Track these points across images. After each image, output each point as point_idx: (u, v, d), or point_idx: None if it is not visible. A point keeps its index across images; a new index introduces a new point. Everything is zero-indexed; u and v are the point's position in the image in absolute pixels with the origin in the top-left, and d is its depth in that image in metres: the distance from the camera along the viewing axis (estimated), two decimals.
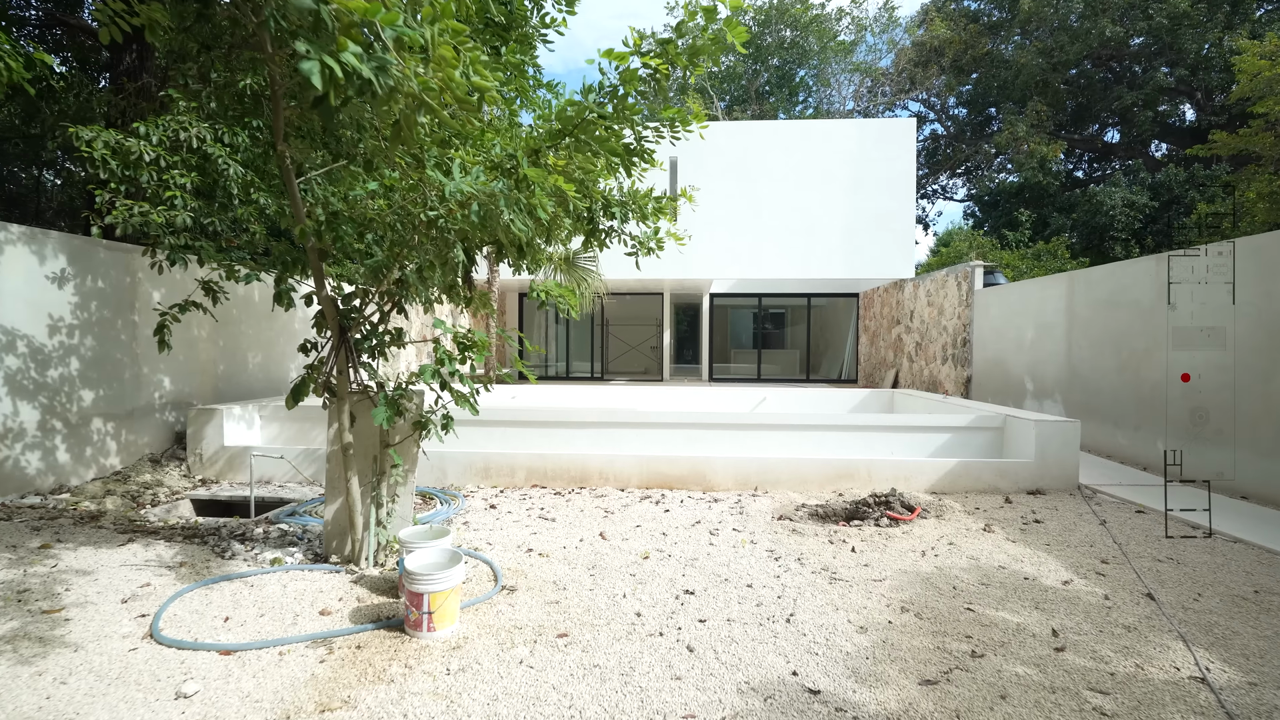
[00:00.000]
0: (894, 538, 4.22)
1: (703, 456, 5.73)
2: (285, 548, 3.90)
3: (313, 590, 3.16)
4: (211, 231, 4.39)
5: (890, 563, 3.74)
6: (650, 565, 3.67)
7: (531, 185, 2.37)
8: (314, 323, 3.31)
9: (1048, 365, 8.21)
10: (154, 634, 2.60)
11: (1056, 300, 8.03)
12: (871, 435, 6.33)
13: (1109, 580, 3.47)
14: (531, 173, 2.24)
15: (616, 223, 3.52)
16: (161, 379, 6.25)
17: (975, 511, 4.89)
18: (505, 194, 2.25)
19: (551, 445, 6.29)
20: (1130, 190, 16.77)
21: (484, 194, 2.24)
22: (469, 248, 3.47)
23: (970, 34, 22.91)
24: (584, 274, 10.83)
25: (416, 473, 5.86)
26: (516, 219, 2.31)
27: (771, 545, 4.06)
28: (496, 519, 4.66)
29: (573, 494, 5.43)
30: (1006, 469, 5.59)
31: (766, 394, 10.41)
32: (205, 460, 6.13)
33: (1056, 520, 4.65)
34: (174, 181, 4.16)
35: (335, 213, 2.84)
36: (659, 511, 4.87)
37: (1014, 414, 6.10)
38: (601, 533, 4.30)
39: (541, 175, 2.24)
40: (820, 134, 13.07)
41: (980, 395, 9.96)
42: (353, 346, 3.26)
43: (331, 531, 3.77)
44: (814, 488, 5.63)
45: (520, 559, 3.76)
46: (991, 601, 3.17)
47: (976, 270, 10.20)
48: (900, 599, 3.20)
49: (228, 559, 3.61)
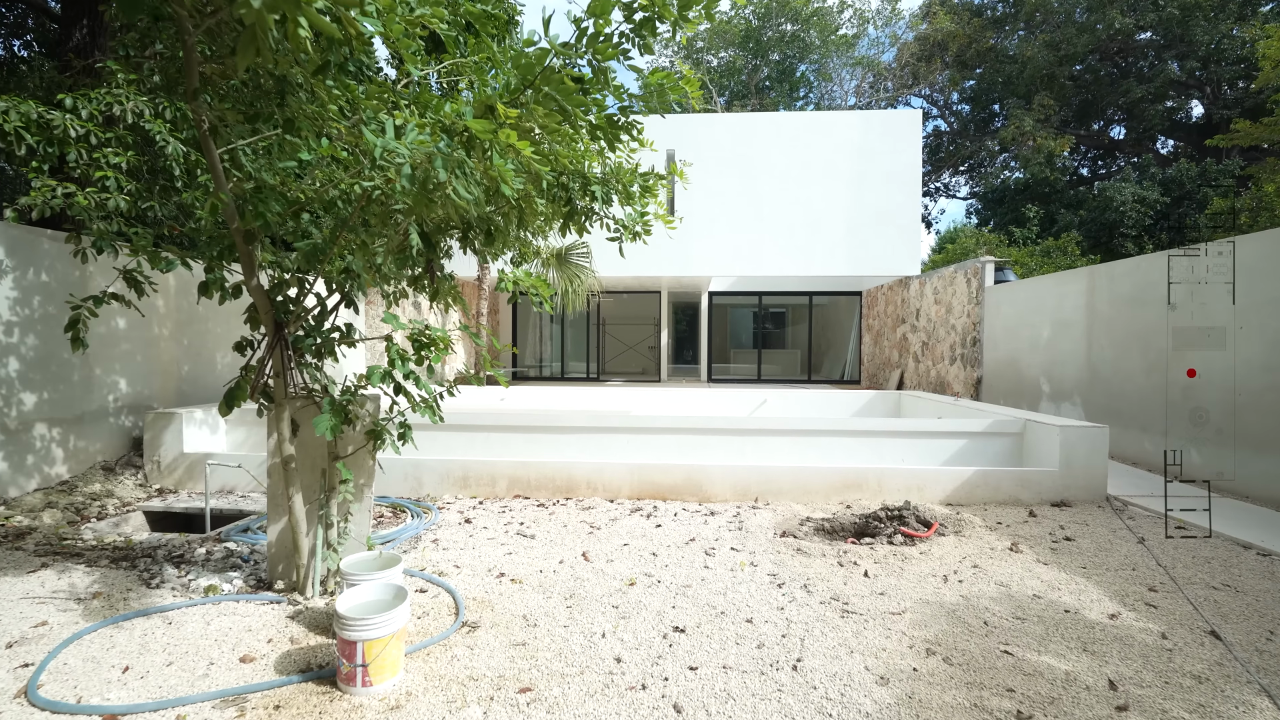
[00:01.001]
0: (911, 559, 3.77)
1: (699, 465, 5.28)
2: (226, 572, 3.45)
3: (240, 628, 2.71)
4: (152, 218, 3.94)
5: (909, 590, 3.30)
6: (636, 594, 3.22)
7: (485, 148, 1.93)
8: (246, 317, 2.86)
9: (1065, 366, 7.76)
10: (29, 693, 2.15)
11: (1075, 297, 7.58)
12: (881, 441, 5.88)
13: (1162, 613, 3.02)
14: (476, 126, 1.80)
15: (598, 204, 3.08)
16: (117, 380, 5.80)
17: (998, 527, 4.44)
18: (445, 154, 1.81)
19: (537, 452, 5.85)
20: (1141, 186, 16.31)
21: (420, 154, 1.81)
22: (428, 231, 3.02)
23: (974, 28, 22.46)
24: (577, 270, 10.38)
25: (389, 483, 5.45)
26: (460, 186, 1.87)
27: (774, 568, 3.61)
28: (470, 535, 4.22)
29: (557, 506, 4.99)
30: (1029, 479, 5.15)
31: (767, 396, 9.97)
32: (164, 468, 5.68)
33: (1089, 538, 4.20)
34: (106, 161, 3.72)
35: (262, 187, 2.40)
36: (650, 527, 4.42)
37: (1035, 418, 5.66)
38: (584, 553, 3.86)
39: (488, 129, 1.80)
40: (823, 126, 12.62)
41: (991, 397, 9.51)
42: (290, 344, 2.82)
43: (276, 555, 3.32)
44: (819, 499, 5.18)
45: (489, 586, 3.32)
46: (1031, 641, 2.72)
47: (987, 266, 9.75)
48: (924, 638, 2.76)
49: (154, 587, 3.16)
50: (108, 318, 5.67)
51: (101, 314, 5.58)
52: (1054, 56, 19.09)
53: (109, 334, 5.70)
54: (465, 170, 1.91)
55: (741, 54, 25.15)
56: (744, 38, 24.68)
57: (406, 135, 1.84)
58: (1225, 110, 17.25)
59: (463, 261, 11.53)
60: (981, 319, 9.75)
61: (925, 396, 8.33)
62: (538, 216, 3.43)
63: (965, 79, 23.90)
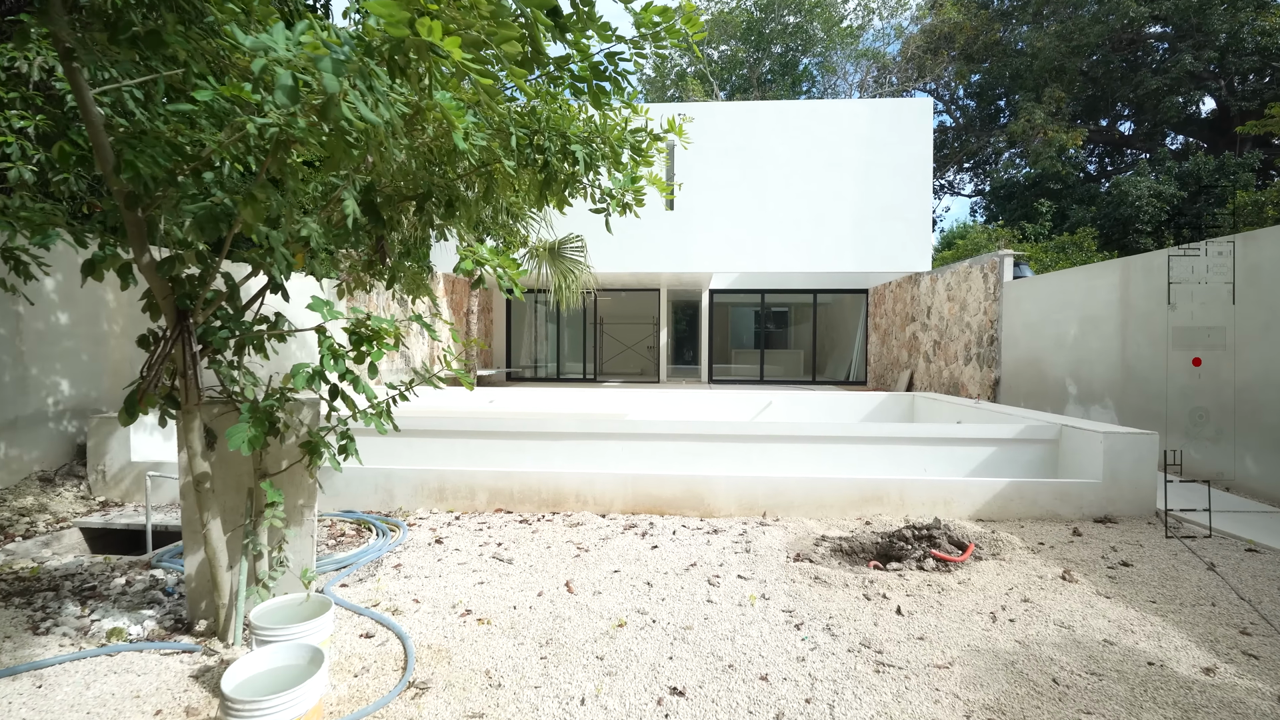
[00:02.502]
0: (948, 590, 3.23)
1: (700, 475, 4.74)
2: (141, 609, 2.91)
3: (127, 693, 2.17)
4: (67, 193, 3.40)
5: (953, 633, 2.75)
6: (627, 638, 2.68)
7: (407, 54, 1.40)
8: (143, 305, 2.32)
9: (1095, 365, 7.21)
10: None
11: (1107, 291, 7.02)
12: (900, 449, 5.34)
13: (1266, 665, 2.48)
14: (376, 7, 1.27)
15: (580, 168, 2.53)
16: (58, 382, 5.26)
17: (1041, 549, 3.90)
18: (338, 60, 1.28)
19: (521, 461, 5.31)
20: (1157, 180, 15.76)
21: (305, 60, 1.28)
22: (375, 201, 2.48)
23: (981, 20, 21.92)
24: (571, 265, 9.84)
25: (358, 496, 4.83)
26: (361, 104, 1.35)
27: (789, 601, 3.07)
28: (438, 560, 3.68)
29: (542, 522, 4.45)
30: (1069, 492, 4.60)
31: (772, 398, 9.43)
32: (109, 479, 5.14)
33: (1147, 562, 3.65)
34: (10, 125, 3.18)
35: (142, 134, 1.87)
36: (644, 548, 3.88)
37: (1072, 424, 5.11)
38: (568, 582, 3.32)
39: (392, 10, 1.27)
40: (829, 115, 12.07)
41: (1010, 399, 8.96)
42: (193, 336, 2.28)
43: (196, 591, 2.78)
44: (835, 514, 4.64)
45: (451, 628, 2.77)
46: (1118, 708, 2.18)
47: (1005, 260, 9.19)
48: (982, 702, 2.21)
49: (42, 633, 2.62)
50: (46, 311, 5.13)
51: (41, 306, 5.04)
52: (1065, 47, 18.54)
53: (49, 330, 5.16)
54: (371, 86, 1.38)
55: (743, 46, 24.60)
56: (746, 30, 24.14)
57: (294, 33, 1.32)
58: (1243, 103, 16.70)
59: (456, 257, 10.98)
60: (1000, 316, 9.20)
61: (941, 399, 7.78)
62: (510, 186, 2.89)
63: (972, 72, 23.36)
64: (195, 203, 1.91)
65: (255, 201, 1.63)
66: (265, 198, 1.65)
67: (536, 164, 2.62)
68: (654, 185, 2.79)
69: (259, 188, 1.65)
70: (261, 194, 1.63)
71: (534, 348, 17.07)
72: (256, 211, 1.64)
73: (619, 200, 2.67)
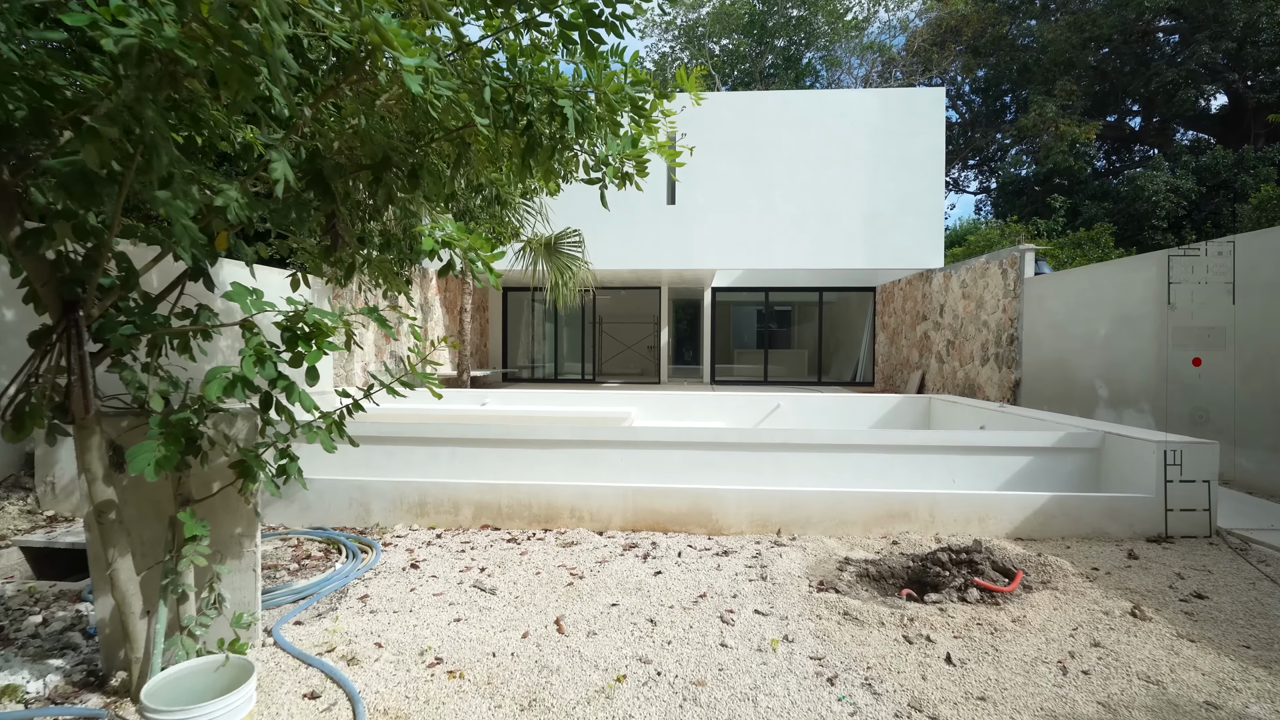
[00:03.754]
0: (1003, 631, 2.76)
1: (708, 489, 4.29)
2: (48, 658, 2.45)
3: None
4: None
5: (1019, 691, 2.29)
6: (626, 700, 2.22)
7: None
8: (24, 295, 1.87)
9: (1129, 367, 6.74)
10: None
11: (1143, 287, 6.56)
12: (926, 458, 4.88)
13: None
14: None
15: (570, 131, 2.07)
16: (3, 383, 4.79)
17: (1096, 575, 3.44)
18: None
19: (511, 471, 4.84)
20: (1174, 175, 15.28)
21: None
22: (317, 167, 2.02)
23: (988, 13, 21.45)
24: (568, 261, 9.37)
25: (330, 512, 4.27)
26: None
27: (818, 646, 2.61)
28: (411, 590, 3.22)
29: (532, 540, 3.99)
30: (1117, 507, 4.14)
31: (779, 400, 8.95)
32: (59, 491, 4.68)
33: (1224, 593, 3.19)
34: None
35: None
36: (647, 574, 3.42)
37: (1118, 431, 4.65)
38: (558, 619, 2.86)
39: None
40: (838, 105, 11.60)
41: (1032, 402, 8.49)
42: (84, 332, 1.82)
43: (110, 639, 2.33)
44: (858, 532, 4.18)
45: (416, 683, 2.31)
46: None
47: (1026, 255, 8.72)
48: None
49: None
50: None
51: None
52: (1077, 39, 18.06)
53: None
54: None
55: (746, 40, 24.12)
56: (748, 23, 23.66)
57: None
58: (1262, 95, 16.22)
59: None
60: (1020, 314, 8.73)
61: (961, 401, 7.32)
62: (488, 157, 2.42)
63: (979, 66, 22.88)
64: (61, 157, 1.45)
65: (97, 139, 1.18)
66: (114, 134, 1.20)
67: (519, 125, 2.15)
68: (659, 154, 2.32)
69: (100, 120, 1.19)
70: (107, 128, 1.18)
71: (531, 347, 16.62)
72: (102, 151, 1.19)
73: (616, 169, 2.21)
